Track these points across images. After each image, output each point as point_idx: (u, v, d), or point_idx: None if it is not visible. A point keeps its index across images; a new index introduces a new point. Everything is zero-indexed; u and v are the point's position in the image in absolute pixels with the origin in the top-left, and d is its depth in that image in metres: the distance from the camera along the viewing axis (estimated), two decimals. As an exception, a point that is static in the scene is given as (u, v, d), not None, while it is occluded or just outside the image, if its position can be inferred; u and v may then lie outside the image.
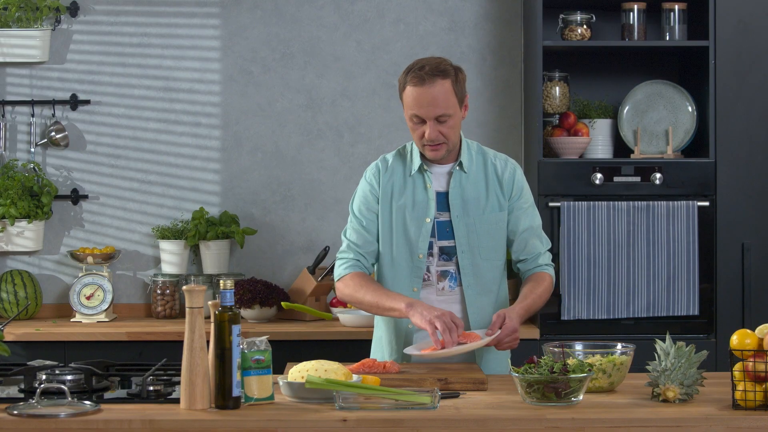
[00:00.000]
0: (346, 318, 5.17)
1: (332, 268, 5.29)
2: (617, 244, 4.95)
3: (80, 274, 5.30)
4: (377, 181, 3.90)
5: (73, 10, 5.50)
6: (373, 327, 5.03)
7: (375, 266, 3.96)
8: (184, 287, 3.14)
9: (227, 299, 3.13)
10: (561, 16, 5.21)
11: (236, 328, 3.12)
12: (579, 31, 5.18)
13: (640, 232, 4.96)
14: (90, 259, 5.30)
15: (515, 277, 5.33)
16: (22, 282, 5.32)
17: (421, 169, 3.87)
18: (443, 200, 3.86)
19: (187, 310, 3.12)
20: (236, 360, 3.10)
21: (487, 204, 3.86)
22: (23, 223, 5.36)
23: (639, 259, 4.95)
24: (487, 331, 3.64)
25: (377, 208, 3.89)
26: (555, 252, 5.00)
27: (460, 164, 3.86)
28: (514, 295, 5.25)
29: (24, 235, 5.37)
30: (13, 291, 5.30)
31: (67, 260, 5.48)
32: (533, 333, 4.96)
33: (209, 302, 3.18)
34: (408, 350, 3.66)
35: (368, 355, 4.13)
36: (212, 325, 3.13)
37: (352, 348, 4.92)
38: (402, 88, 3.80)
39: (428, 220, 3.84)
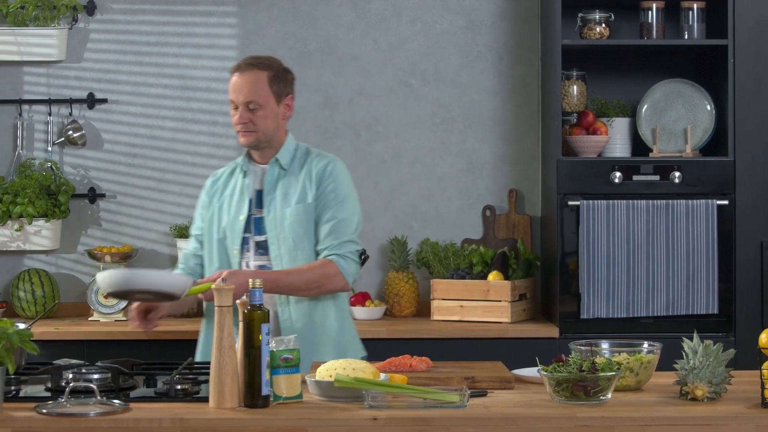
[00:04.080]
0: (361, 313, 5.27)
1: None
2: (636, 242, 4.95)
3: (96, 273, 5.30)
4: (211, 188, 4.17)
5: (90, 9, 5.50)
6: (381, 325, 5.12)
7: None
8: (213, 286, 3.14)
9: (256, 298, 3.13)
10: (580, 14, 5.21)
11: (265, 327, 3.11)
12: (598, 29, 5.17)
13: (660, 231, 4.95)
14: (107, 258, 5.30)
15: (532, 275, 5.34)
16: (39, 281, 5.32)
17: (242, 169, 4.09)
18: (260, 197, 4.04)
19: (216, 309, 3.11)
20: (265, 359, 3.10)
21: (298, 197, 4.00)
22: (41, 222, 5.36)
23: (658, 258, 4.95)
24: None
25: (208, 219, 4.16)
26: (574, 251, 5.00)
27: (276, 160, 4.04)
28: (538, 296, 5.26)
29: (41, 234, 5.37)
30: (31, 290, 5.30)
31: (85, 259, 5.48)
32: (552, 332, 4.95)
33: (238, 301, 3.17)
34: None
35: (379, 354, 4.16)
36: (240, 324, 3.13)
37: (367, 346, 4.91)
38: (229, 79, 4.06)
39: (242, 217, 4.02)
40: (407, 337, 4.94)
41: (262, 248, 4.01)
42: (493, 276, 5.13)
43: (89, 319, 5.27)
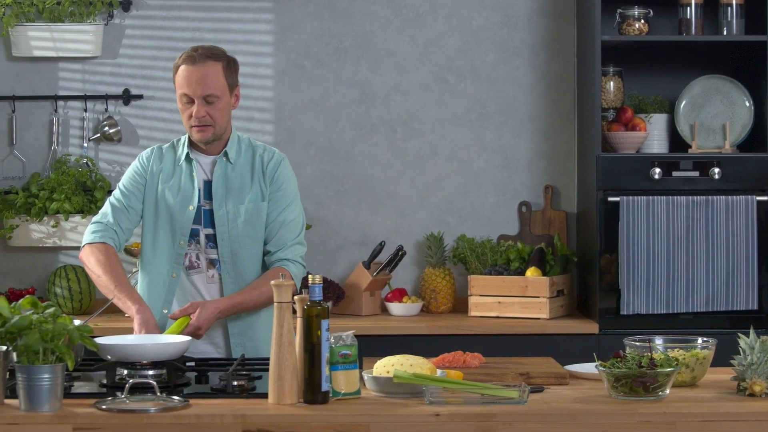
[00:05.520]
0: (398, 309, 5.27)
1: (388, 262, 5.31)
2: (676, 238, 4.94)
3: (134, 270, 5.30)
4: (148, 164, 3.97)
5: (126, 5, 5.50)
6: (419, 321, 5.11)
7: (126, 242, 4.03)
8: (273, 282, 3.14)
9: (316, 294, 3.13)
10: (618, 10, 5.20)
11: (325, 323, 3.11)
12: (637, 25, 5.17)
13: (699, 227, 4.95)
14: (144, 254, 5.29)
15: (569, 271, 5.33)
16: (76, 277, 5.33)
17: (187, 158, 3.94)
18: (210, 189, 3.92)
19: (275, 305, 3.11)
20: (325, 355, 3.10)
21: (249, 193, 3.91)
22: (77, 218, 5.36)
23: (698, 254, 4.94)
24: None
25: (143, 190, 3.95)
26: (613, 247, 4.99)
27: (226, 154, 3.92)
28: (575, 292, 5.25)
29: (77, 230, 5.36)
30: (67, 286, 5.31)
31: (120, 255, 5.45)
32: (592, 328, 4.95)
33: (296, 297, 3.16)
34: None
35: (420, 350, 4.13)
36: (299, 320, 3.13)
37: (406, 342, 4.92)
38: (175, 70, 3.87)
39: (191, 207, 3.90)
40: (447, 333, 4.94)
41: (213, 242, 3.90)
42: (531, 272, 5.13)
43: (125, 315, 5.25)
